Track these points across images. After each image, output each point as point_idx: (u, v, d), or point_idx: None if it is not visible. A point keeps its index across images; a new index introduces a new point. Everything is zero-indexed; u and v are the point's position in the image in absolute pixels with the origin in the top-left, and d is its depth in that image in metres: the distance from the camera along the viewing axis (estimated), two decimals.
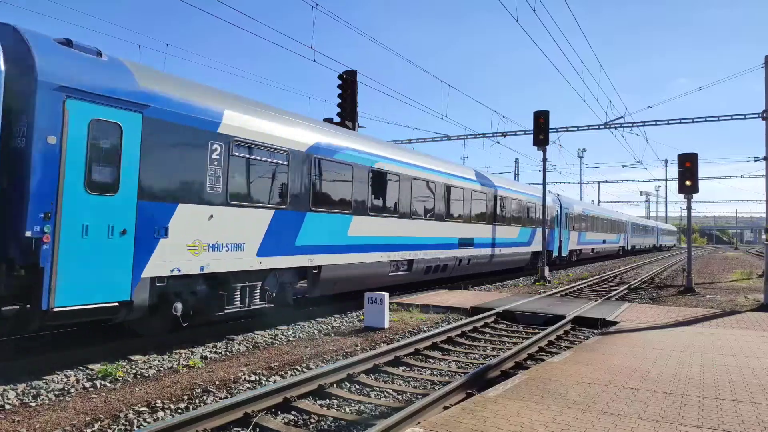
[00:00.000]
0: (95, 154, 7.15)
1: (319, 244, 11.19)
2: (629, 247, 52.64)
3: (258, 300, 9.84)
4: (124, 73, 7.72)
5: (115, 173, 7.38)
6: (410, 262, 14.74)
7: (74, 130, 6.92)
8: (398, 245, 14.13)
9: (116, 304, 7.42)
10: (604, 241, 41.16)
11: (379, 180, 13.33)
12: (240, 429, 5.42)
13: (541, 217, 25.22)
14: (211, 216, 8.77)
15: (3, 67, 6.39)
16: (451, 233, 17.06)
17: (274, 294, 10.23)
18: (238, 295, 9.45)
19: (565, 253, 30.04)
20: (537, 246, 24.81)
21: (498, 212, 20.74)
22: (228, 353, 8.55)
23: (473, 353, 9.19)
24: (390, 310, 11.61)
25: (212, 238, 8.80)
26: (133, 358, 7.90)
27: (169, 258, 8.15)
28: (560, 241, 28.93)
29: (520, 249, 23.20)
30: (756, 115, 25.06)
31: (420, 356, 8.76)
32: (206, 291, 8.99)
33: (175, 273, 8.24)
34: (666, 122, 29.52)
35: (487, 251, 19.98)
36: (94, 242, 7.10)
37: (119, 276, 7.42)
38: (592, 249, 38.02)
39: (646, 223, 65.83)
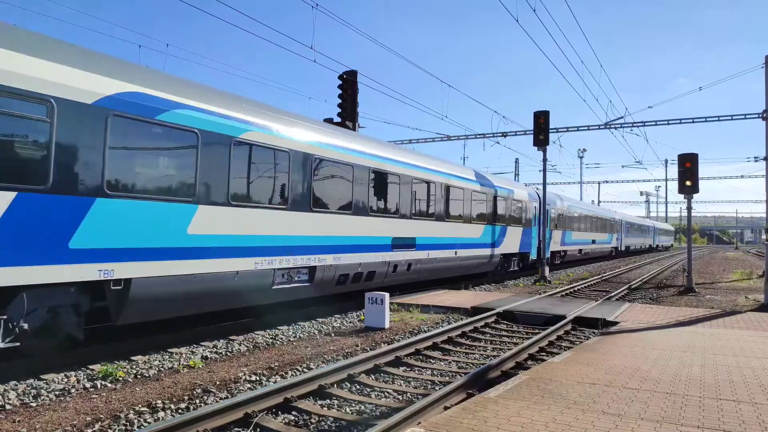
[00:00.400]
0: None
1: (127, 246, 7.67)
2: (623, 248, 49.61)
3: None
4: None
5: None
6: (312, 269, 11.28)
7: None
8: (287, 247, 10.53)
9: None
10: (593, 242, 38.22)
11: (244, 153, 9.57)
12: (240, 429, 5.42)
13: (516, 214, 22.48)
14: None
15: None
16: (382, 231, 13.58)
17: (23, 327, 6.66)
18: None
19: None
20: (509, 248, 21.79)
21: (450, 207, 17.12)
22: (228, 353, 8.55)
23: (474, 353, 9.19)
24: (390, 310, 11.61)
25: None
26: (133, 358, 7.90)
27: None
28: (540, 242, 24.28)
29: (482, 251, 19.55)
30: (756, 115, 25.06)
31: (420, 356, 8.76)
32: None
33: None
34: (666, 122, 29.52)
35: (437, 254, 16.38)
36: None
37: None
38: (580, 250, 34.82)
39: (641, 222, 62.46)
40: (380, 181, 13.55)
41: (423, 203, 15.61)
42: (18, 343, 6.65)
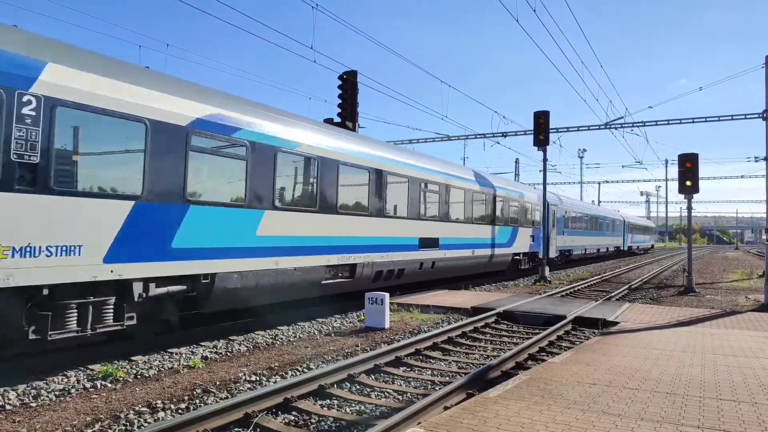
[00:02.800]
0: None
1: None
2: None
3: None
4: None
5: None
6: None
7: None
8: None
9: None
10: (472, 248, 19.14)
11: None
12: (240, 429, 5.42)
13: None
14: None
15: None
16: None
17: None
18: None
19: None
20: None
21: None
22: (228, 353, 8.55)
23: (474, 353, 9.19)
24: (390, 310, 11.61)
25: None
26: (133, 358, 7.91)
27: None
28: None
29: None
30: (756, 115, 25.06)
31: (420, 356, 8.76)
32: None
33: None
34: (666, 122, 29.53)
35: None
36: None
37: None
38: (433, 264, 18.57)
39: (595, 212, 40.19)
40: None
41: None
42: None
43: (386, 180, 13.68)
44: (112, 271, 7.36)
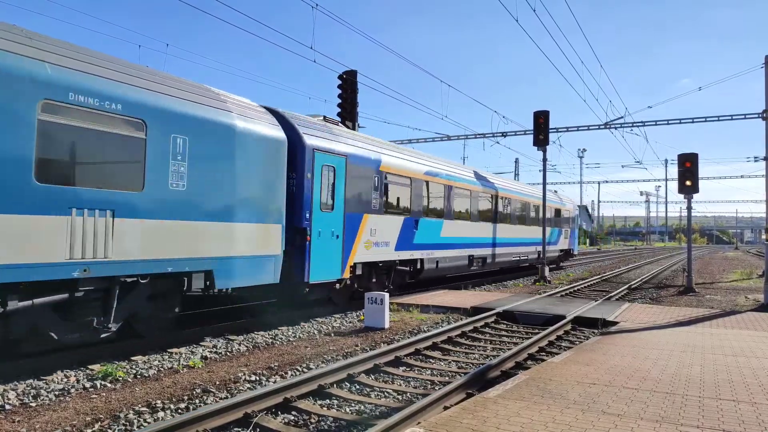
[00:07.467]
0: None
1: None
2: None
3: None
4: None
5: None
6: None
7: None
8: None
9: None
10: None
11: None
12: (240, 429, 5.42)
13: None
14: None
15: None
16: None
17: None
18: None
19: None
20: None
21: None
22: (228, 353, 8.55)
23: (473, 353, 9.19)
24: (390, 310, 11.60)
25: None
26: (133, 358, 7.90)
27: None
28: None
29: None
30: (756, 115, 25.08)
31: (420, 356, 8.76)
32: None
33: None
34: (666, 122, 29.55)
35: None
36: None
37: None
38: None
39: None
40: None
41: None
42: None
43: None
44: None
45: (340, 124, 13.69)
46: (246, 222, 9.23)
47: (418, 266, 15.19)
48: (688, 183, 18.61)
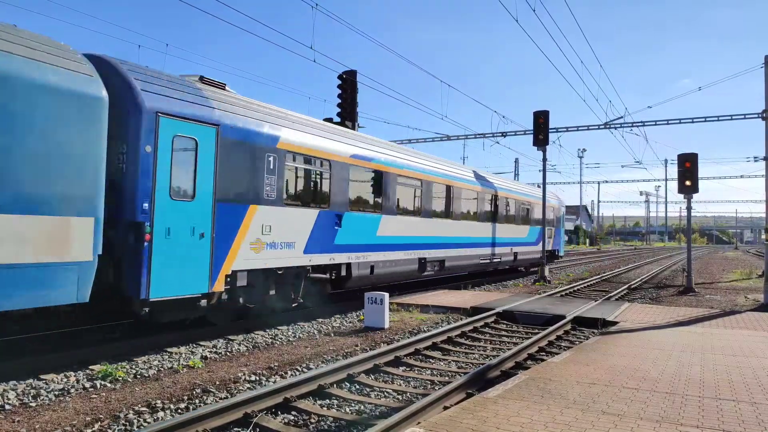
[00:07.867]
0: None
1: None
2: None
3: None
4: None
5: None
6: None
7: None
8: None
9: None
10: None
11: None
12: (240, 429, 5.42)
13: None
14: None
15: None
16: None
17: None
18: None
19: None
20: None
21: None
22: (228, 353, 8.55)
23: (473, 353, 9.19)
24: (390, 310, 11.60)
25: None
26: (133, 358, 7.90)
27: None
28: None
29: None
30: (756, 115, 25.05)
31: (420, 356, 8.76)
32: None
33: None
34: (666, 122, 29.53)
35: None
36: None
37: None
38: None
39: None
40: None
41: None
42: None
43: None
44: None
45: (228, 88, 10.33)
46: (13, 213, 6.36)
47: (344, 272, 12.43)
48: (687, 183, 18.62)
